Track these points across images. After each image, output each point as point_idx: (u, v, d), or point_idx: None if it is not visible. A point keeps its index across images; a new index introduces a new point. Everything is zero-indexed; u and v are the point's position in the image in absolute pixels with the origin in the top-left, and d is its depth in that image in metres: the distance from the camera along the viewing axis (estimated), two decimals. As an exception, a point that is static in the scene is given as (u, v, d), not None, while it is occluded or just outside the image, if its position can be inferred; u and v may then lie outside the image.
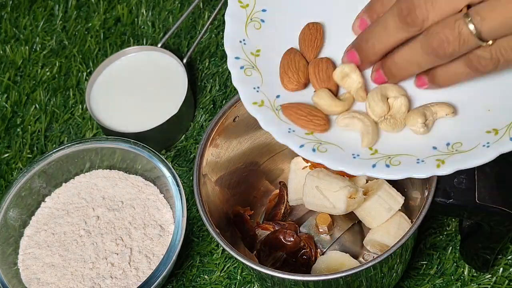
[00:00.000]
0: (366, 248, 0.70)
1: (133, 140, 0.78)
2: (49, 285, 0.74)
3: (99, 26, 0.96)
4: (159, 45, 0.90)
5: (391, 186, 0.68)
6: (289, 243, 0.71)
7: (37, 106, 0.91)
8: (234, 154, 0.72)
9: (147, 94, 0.87)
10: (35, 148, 0.88)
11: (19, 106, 0.92)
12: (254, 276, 0.73)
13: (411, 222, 0.67)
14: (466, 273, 0.73)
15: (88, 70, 0.93)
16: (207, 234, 0.80)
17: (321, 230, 0.72)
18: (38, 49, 0.96)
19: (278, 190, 0.76)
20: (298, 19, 0.61)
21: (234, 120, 0.69)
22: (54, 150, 0.78)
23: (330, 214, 0.71)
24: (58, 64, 0.94)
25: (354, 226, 0.72)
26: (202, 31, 0.89)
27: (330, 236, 0.72)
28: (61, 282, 0.73)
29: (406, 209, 0.69)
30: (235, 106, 0.68)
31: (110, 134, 0.84)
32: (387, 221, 0.68)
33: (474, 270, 0.73)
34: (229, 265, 0.77)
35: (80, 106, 0.90)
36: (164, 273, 0.70)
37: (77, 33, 0.96)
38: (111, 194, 0.79)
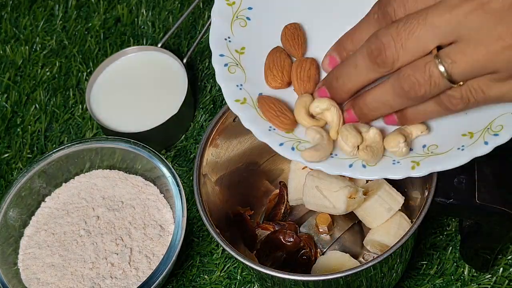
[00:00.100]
0: (366, 248, 0.70)
1: (133, 140, 0.78)
2: (49, 285, 0.74)
3: (99, 26, 0.96)
4: (159, 45, 0.89)
5: (391, 186, 0.68)
6: (288, 244, 0.71)
7: (37, 106, 0.91)
8: (234, 154, 0.72)
9: (147, 94, 0.87)
10: (35, 148, 0.88)
11: (19, 106, 0.92)
12: (254, 276, 0.73)
13: (411, 222, 0.67)
14: (466, 273, 0.73)
15: (88, 70, 0.93)
16: (207, 234, 0.79)
17: (321, 230, 0.72)
18: (38, 49, 0.96)
19: (278, 190, 0.76)
20: (284, 17, 0.61)
21: (234, 120, 0.69)
22: (54, 150, 0.78)
23: (330, 214, 0.71)
24: (58, 64, 0.94)
25: (354, 226, 0.72)
26: (202, 31, 0.89)
27: (330, 236, 0.72)
28: (61, 282, 0.73)
29: (406, 209, 0.69)
30: (235, 106, 0.68)
31: (110, 134, 0.84)
32: (387, 221, 0.68)
33: (474, 270, 0.73)
34: (229, 265, 0.77)
35: (80, 106, 0.90)
36: (164, 273, 0.70)
37: (77, 33, 0.96)
38: (111, 194, 0.79)
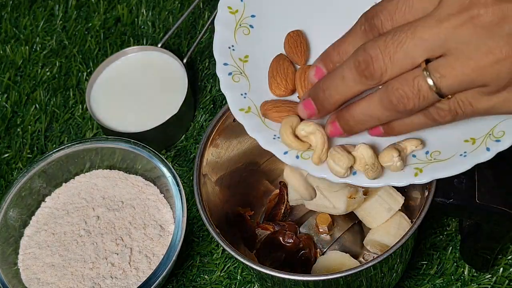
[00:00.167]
0: (366, 248, 0.70)
1: (133, 140, 0.78)
2: (49, 285, 0.73)
3: (99, 26, 0.96)
4: (159, 45, 0.89)
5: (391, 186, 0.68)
6: (288, 245, 0.71)
7: (37, 106, 0.91)
8: (234, 154, 0.72)
9: (147, 94, 0.87)
10: (35, 148, 0.88)
11: (19, 106, 0.92)
12: (254, 276, 0.73)
13: (411, 222, 0.67)
14: (466, 273, 0.73)
15: (88, 70, 0.93)
16: (207, 234, 0.79)
17: (321, 230, 0.72)
18: (38, 49, 0.96)
19: (278, 190, 0.76)
20: (287, 25, 0.61)
21: (234, 120, 0.69)
22: (54, 150, 0.78)
23: (330, 214, 0.71)
24: (58, 64, 0.94)
25: (354, 226, 0.72)
26: (202, 31, 0.89)
27: (330, 236, 0.72)
28: (61, 282, 0.73)
29: (406, 209, 0.69)
30: (235, 106, 0.68)
31: (110, 134, 0.84)
32: (387, 221, 0.68)
33: (474, 270, 0.73)
34: (229, 265, 0.77)
35: (80, 106, 0.90)
36: (164, 273, 0.70)
37: (77, 33, 0.96)
38: (111, 194, 0.79)
